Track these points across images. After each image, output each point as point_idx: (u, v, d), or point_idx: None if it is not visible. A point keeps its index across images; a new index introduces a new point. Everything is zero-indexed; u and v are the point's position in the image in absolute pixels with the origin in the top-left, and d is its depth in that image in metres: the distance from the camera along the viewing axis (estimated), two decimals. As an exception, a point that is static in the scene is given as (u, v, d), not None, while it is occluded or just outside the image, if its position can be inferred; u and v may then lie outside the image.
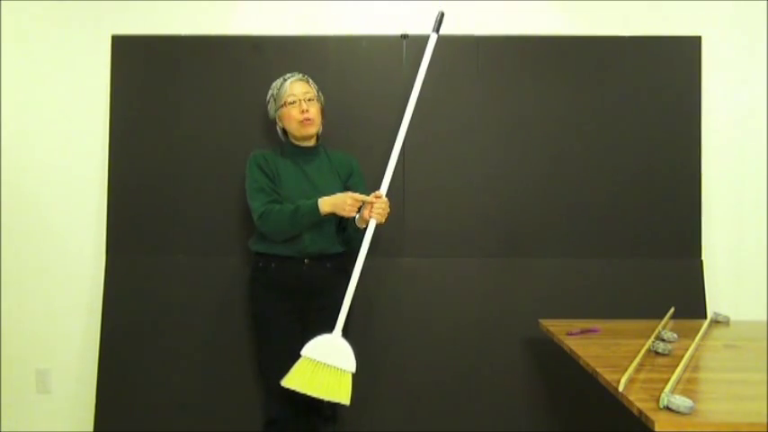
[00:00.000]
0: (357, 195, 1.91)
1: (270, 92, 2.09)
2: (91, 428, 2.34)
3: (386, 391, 2.31)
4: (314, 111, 2.03)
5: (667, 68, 2.35)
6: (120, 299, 2.34)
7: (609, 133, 2.35)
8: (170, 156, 2.36)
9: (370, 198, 1.91)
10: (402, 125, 1.99)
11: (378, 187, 1.95)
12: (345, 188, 2.03)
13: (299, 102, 2.00)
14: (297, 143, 2.08)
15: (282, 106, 2.03)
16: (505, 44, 2.36)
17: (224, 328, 2.32)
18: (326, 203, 1.91)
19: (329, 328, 1.90)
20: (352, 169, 2.12)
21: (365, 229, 1.91)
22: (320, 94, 2.10)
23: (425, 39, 2.08)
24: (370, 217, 1.89)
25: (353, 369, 1.84)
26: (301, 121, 2.01)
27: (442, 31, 2.33)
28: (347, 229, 2.05)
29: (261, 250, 2.05)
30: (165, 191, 2.36)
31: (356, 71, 2.36)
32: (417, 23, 2.37)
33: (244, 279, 2.28)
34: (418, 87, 2.01)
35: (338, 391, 1.81)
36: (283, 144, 2.12)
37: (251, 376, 2.30)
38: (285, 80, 2.05)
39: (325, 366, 1.83)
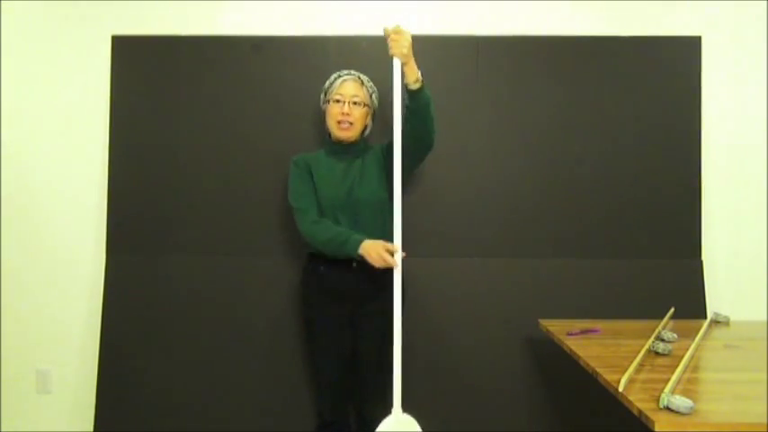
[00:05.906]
0: (388, 245, 1.85)
1: (325, 83, 2.07)
2: (91, 428, 2.34)
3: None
4: (356, 115, 1.99)
5: (667, 68, 2.35)
6: (120, 299, 2.34)
7: (609, 133, 2.35)
8: (170, 156, 2.36)
9: (387, 33, 1.81)
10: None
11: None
12: (389, 165, 1.96)
13: (343, 103, 1.99)
14: (337, 139, 2.04)
15: (328, 102, 2.03)
16: (505, 44, 2.36)
17: (224, 327, 2.32)
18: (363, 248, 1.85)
19: (379, 335, 1.92)
20: (383, 146, 2.07)
21: (420, 98, 1.83)
22: (374, 97, 2.07)
23: (426, 39, 2.07)
24: (393, 55, 1.80)
25: None
26: (339, 122, 2.00)
27: (441, 31, 2.34)
28: (409, 108, 1.89)
29: (311, 252, 2.03)
30: (165, 191, 2.36)
31: (356, 71, 2.35)
32: (417, 23, 2.37)
33: (243, 278, 2.29)
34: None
35: None
36: (325, 139, 2.10)
37: (250, 376, 2.30)
38: (339, 76, 2.04)
39: None
